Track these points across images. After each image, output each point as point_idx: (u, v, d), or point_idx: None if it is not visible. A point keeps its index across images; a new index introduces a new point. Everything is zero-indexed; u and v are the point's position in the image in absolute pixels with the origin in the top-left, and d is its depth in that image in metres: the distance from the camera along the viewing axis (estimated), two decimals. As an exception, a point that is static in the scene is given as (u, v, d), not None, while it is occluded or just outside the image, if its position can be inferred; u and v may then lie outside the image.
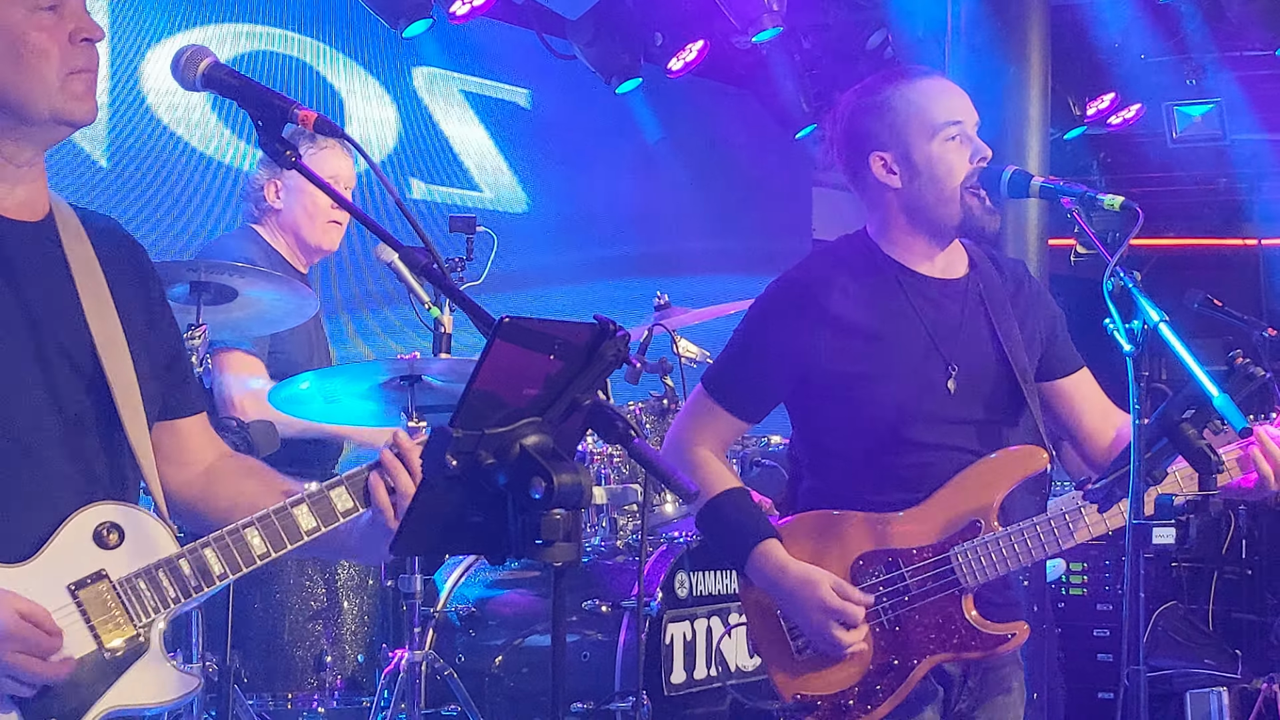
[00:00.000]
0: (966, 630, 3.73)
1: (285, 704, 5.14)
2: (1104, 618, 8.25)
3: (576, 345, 2.35)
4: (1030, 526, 3.73)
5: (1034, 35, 6.28)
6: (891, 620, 3.73)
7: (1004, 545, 3.73)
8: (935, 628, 3.73)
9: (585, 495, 2.33)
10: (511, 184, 9.08)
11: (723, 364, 3.97)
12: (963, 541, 3.73)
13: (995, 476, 3.80)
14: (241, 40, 7.67)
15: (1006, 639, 3.75)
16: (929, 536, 3.75)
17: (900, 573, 3.74)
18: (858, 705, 3.71)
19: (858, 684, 3.72)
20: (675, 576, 5.54)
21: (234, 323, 4.83)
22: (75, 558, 2.91)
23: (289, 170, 2.92)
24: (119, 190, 7.05)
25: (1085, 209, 3.62)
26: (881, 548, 3.76)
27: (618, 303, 9.17)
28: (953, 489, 3.78)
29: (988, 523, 3.74)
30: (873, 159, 3.85)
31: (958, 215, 3.80)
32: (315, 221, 5.69)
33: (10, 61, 2.88)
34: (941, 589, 3.72)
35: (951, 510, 3.76)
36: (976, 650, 3.74)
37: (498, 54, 8.98)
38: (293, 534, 3.06)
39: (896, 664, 3.72)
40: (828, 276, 3.84)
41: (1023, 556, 3.74)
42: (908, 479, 3.79)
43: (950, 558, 3.73)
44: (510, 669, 5.56)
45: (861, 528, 3.77)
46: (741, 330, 3.94)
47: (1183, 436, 3.31)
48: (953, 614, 3.73)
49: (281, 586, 5.18)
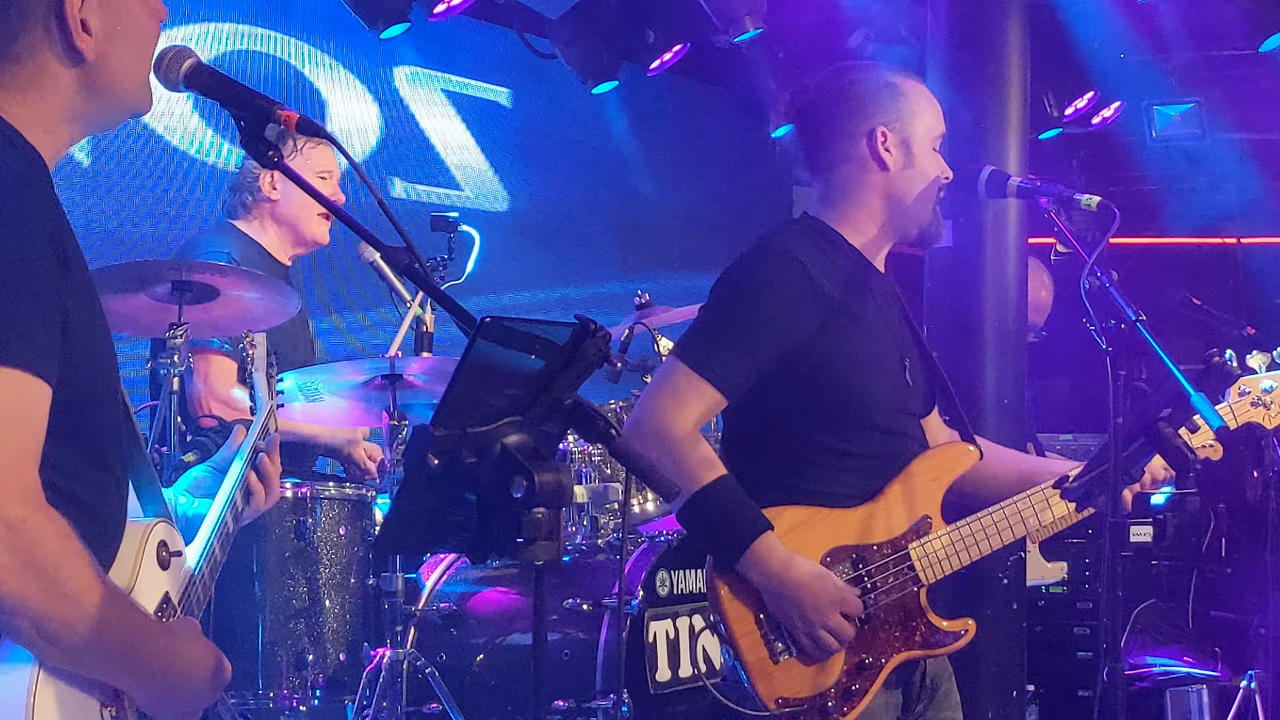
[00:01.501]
0: (927, 627, 3.74)
1: (267, 703, 5.15)
2: (1083, 616, 8.26)
3: (557, 344, 2.36)
4: (977, 520, 3.77)
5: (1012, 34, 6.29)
6: (862, 618, 3.70)
7: (955, 540, 3.75)
8: (899, 625, 3.74)
9: (566, 494, 2.34)
10: (493, 183, 9.08)
11: (707, 336, 3.74)
12: (918, 537, 3.75)
13: (938, 472, 3.83)
14: (224, 40, 7.66)
15: (960, 635, 3.77)
16: (887, 532, 3.75)
17: (867, 569, 3.72)
18: (837, 705, 3.68)
19: (834, 684, 3.69)
20: (657, 575, 5.55)
21: (216, 322, 4.84)
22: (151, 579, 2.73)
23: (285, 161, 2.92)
24: (100, 189, 7.04)
25: (1063, 208, 3.65)
26: (845, 543, 3.72)
27: (599, 302, 9.17)
28: (902, 484, 3.78)
29: (936, 519, 3.78)
30: (877, 131, 3.83)
31: (927, 218, 3.84)
32: (312, 213, 5.70)
33: (128, 45, 2.70)
34: (902, 585, 3.73)
35: (904, 505, 3.77)
36: (937, 646, 3.76)
37: (479, 53, 8.98)
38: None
39: (869, 662, 3.71)
40: (807, 253, 3.77)
41: (973, 550, 3.76)
42: (868, 469, 3.77)
43: (909, 553, 3.74)
44: (492, 667, 5.57)
45: (823, 523, 3.73)
46: (727, 300, 3.77)
47: (1160, 435, 3.34)
48: (913, 611, 3.75)
49: (263, 585, 5.19)
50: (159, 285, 4.61)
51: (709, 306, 3.81)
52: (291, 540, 5.19)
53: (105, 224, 7.01)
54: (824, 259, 3.79)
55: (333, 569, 5.27)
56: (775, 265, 3.74)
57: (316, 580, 5.25)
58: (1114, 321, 3.37)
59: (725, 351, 3.69)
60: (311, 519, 5.22)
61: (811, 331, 3.70)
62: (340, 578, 5.29)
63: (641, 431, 3.68)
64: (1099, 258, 3.42)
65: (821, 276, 3.74)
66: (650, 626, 5.45)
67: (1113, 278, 3.41)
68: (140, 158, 7.19)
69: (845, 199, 3.88)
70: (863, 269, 3.84)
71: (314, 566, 5.26)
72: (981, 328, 6.09)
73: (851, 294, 3.77)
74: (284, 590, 5.21)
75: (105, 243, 6.95)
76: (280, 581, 5.22)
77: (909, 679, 3.82)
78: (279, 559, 5.18)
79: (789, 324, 3.70)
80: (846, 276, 3.79)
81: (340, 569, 5.28)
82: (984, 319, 6.12)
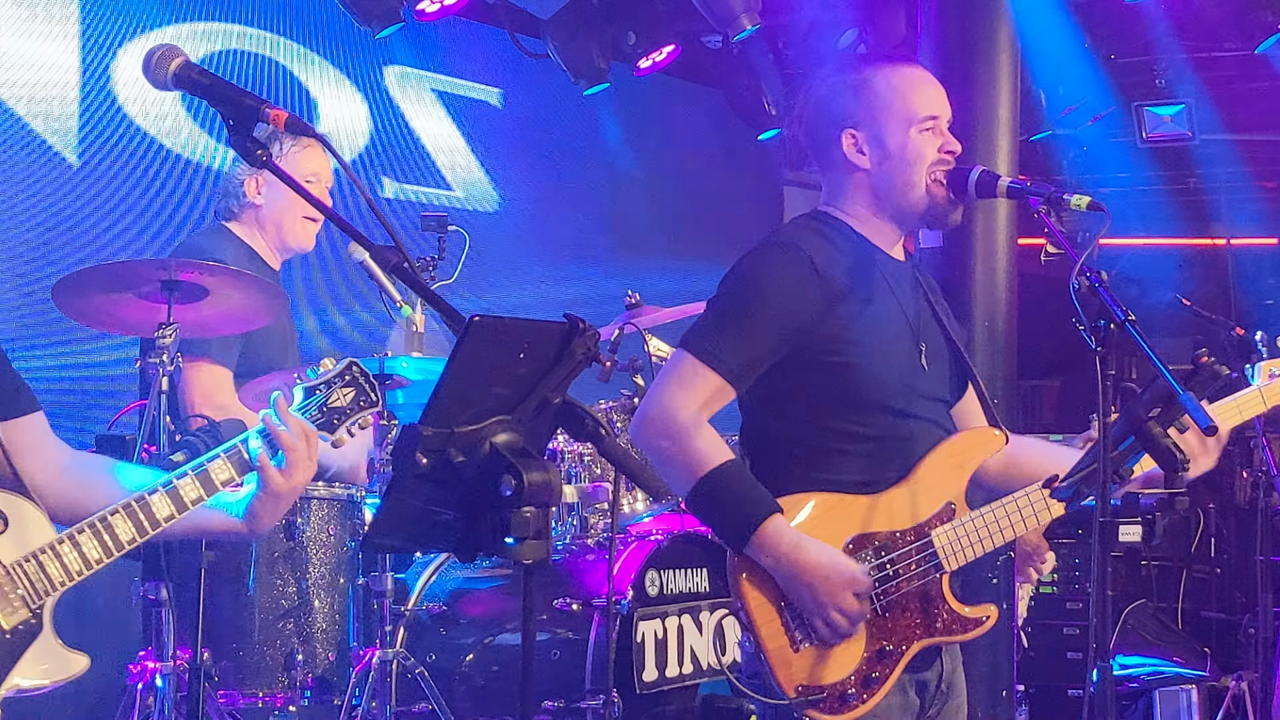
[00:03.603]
0: (948, 614, 3.74)
1: (256, 702, 5.14)
2: (1073, 615, 8.29)
3: (547, 343, 2.36)
4: (1000, 507, 3.77)
5: (1003, 35, 6.30)
6: (883, 605, 3.70)
7: (979, 526, 3.75)
8: (920, 611, 3.73)
9: (555, 493, 2.35)
10: (483, 183, 9.07)
11: (713, 326, 3.76)
12: (941, 524, 3.76)
13: (963, 458, 3.83)
14: (213, 39, 7.65)
15: (982, 621, 3.77)
16: (909, 519, 3.75)
17: (890, 556, 3.71)
18: (857, 692, 3.67)
19: (854, 671, 3.68)
20: (646, 575, 5.56)
21: (205, 321, 4.83)
22: None
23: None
24: (89, 189, 7.03)
25: (1053, 209, 3.65)
26: (868, 530, 3.72)
27: (588, 301, 9.17)
28: (926, 470, 3.78)
29: (961, 504, 3.78)
30: (844, 136, 3.86)
31: (923, 202, 3.83)
32: (296, 218, 5.70)
33: None
34: (925, 572, 3.73)
35: (928, 492, 3.77)
36: (958, 633, 3.75)
37: (469, 53, 8.98)
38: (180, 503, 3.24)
39: (890, 649, 3.71)
40: (813, 243, 3.80)
41: (996, 537, 3.76)
42: (887, 453, 3.78)
43: (932, 540, 3.74)
44: (481, 667, 5.57)
45: (845, 510, 3.73)
46: (732, 291, 3.79)
47: (1149, 434, 3.33)
48: (934, 597, 3.74)
49: (252, 585, 5.18)
50: (147, 285, 4.60)
51: (715, 298, 3.83)
52: (281, 540, 5.18)
53: (94, 223, 7.00)
54: (830, 246, 3.81)
55: (322, 569, 5.26)
56: (778, 256, 3.78)
57: (306, 580, 5.24)
58: (1104, 322, 3.36)
59: (729, 339, 3.72)
60: (301, 518, 5.21)
61: (816, 317, 3.72)
62: (330, 577, 5.28)
63: (648, 418, 3.72)
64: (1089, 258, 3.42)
65: (827, 264, 3.76)
66: (639, 626, 5.45)
67: (1102, 278, 3.41)
68: (129, 157, 7.18)
69: (841, 198, 3.92)
70: (870, 256, 3.85)
71: (303, 566, 5.25)
72: (971, 327, 6.09)
73: (858, 280, 3.78)
74: (273, 590, 5.20)
75: (94, 242, 6.95)
76: (269, 581, 5.21)
77: (925, 683, 3.83)
78: (268, 559, 5.17)
79: (791, 311, 3.71)
80: (853, 263, 3.81)
81: (330, 569, 5.27)
82: (974, 319, 6.13)
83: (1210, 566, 9.68)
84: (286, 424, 3.34)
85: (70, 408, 6.76)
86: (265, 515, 3.41)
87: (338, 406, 3.47)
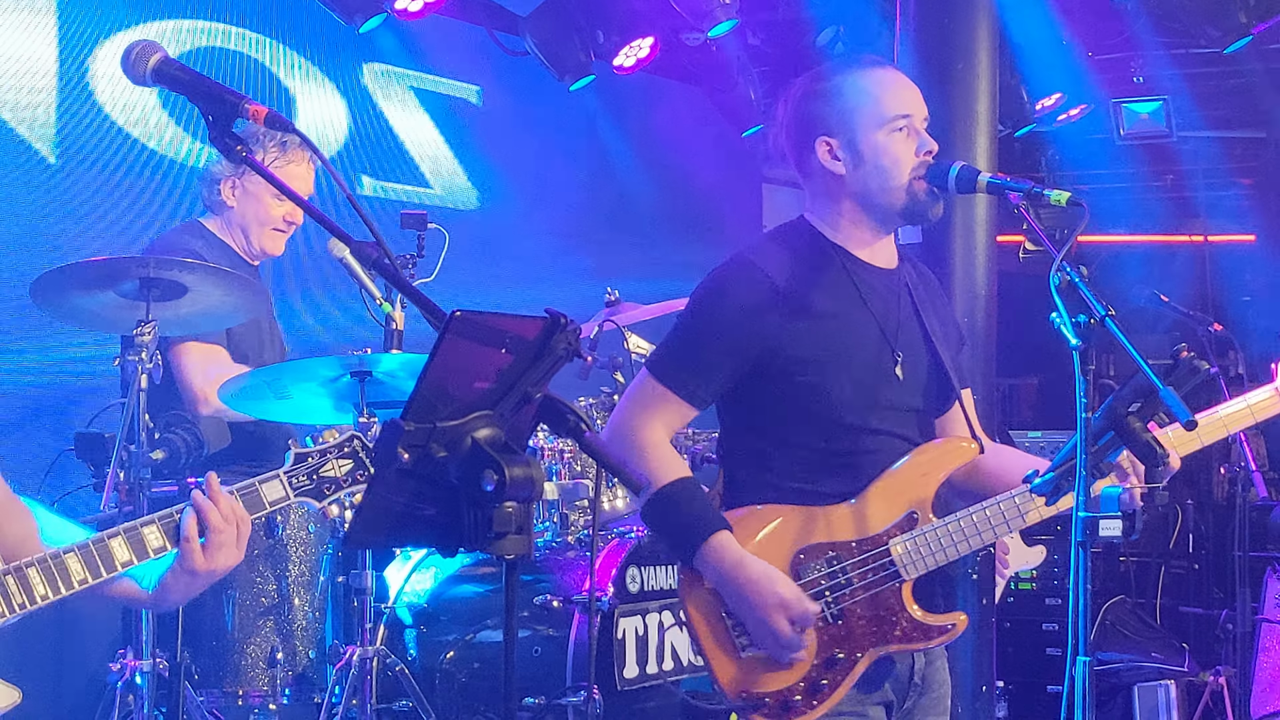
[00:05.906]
0: (908, 622, 3.74)
1: (236, 701, 5.14)
2: (1052, 611, 8.30)
3: (527, 339, 2.36)
4: (966, 516, 3.77)
5: (982, 31, 6.30)
6: (834, 614, 3.72)
7: (941, 536, 3.76)
8: (877, 620, 3.74)
9: (537, 488, 2.35)
10: (463, 181, 9.06)
11: (671, 348, 3.88)
12: (901, 533, 3.76)
13: (930, 468, 3.84)
14: (192, 36, 7.63)
15: (947, 629, 3.77)
16: (868, 528, 3.76)
17: (842, 565, 3.73)
18: (804, 700, 3.70)
19: (803, 679, 3.71)
20: (627, 571, 5.56)
21: (184, 319, 4.82)
22: None
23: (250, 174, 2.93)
24: (68, 187, 7.00)
25: (1033, 204, 3.65)
26: (821, 541, 3.75)
27: (569, 298, 9.16)
28: (889, 480, 3.80)
29: (924, 514, 3.78)
30: (818, 144, 3.87)
31: (902, 201, 3.83)
32: (263, 228, 5.72)
33: None
34: (881, 581, 3.74)
35: (889, 501, 3.78)
36: (919, 640, 3.76)
37: (448, 50, 8.96)
38: (108, 563, 3.19)
39: (841, 657, 3.72)
40: (778, 259, 3.82)
41: (960, 546, 3.77)
42: (851, 466, 3.79)
43: (889, 549, 3.75)
44: (462, 664, 5.57)
45: (800, 521, 3.76)
46: (691, 313, 3.89)
47: (1129, 429, 3.34)
48: (893, 606, 3.75)
49: (232, 583, 5.17)
50: (126, 282, 4.59)
51: (679, 318, 3.93)
52: (260, 538, 5.17)
53: (73, 221, 6.97)
54: (796, 261, 3.83)
55: (302, 566, 5.26)
56: (738, 277, 3.83)
57: (285, 578, 5.24)
58: (1083, 317, 3.37)
59: (687, 363, 3.83)
60: (280, 516, 5.21)
61: (772, 338, 3.75)
62: (309, 575, 5.28)
63: (615, 436, 3.87)
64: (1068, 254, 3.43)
65: (790, 280, 3.78)
66: (620, 623, 5.45)
67: (1082, 273, 3.42)
68: (107, 155, 7.15)
69: (820, 205, 3.93)
70: (841, 268, 3.85)
71: (283, 564, 5.24)
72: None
73: (824, 294, 3.80)
74: (253, 588, 5.19)
75: (73, 239, 6.92)
76: (249, 579, 5.20)
77: (897, 678, 3.83)
78: (248, 557, 5.13)
79: (748, 334, 3.76)
80: (820, 277, 3.82)
81: (309, 566, 5.27)
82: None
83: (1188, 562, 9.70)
84: (216, 503, 3.29)
85: (50, 406, 6.74)
86: (175, 592, 3.34)
87: (330, 476, 3.48)
